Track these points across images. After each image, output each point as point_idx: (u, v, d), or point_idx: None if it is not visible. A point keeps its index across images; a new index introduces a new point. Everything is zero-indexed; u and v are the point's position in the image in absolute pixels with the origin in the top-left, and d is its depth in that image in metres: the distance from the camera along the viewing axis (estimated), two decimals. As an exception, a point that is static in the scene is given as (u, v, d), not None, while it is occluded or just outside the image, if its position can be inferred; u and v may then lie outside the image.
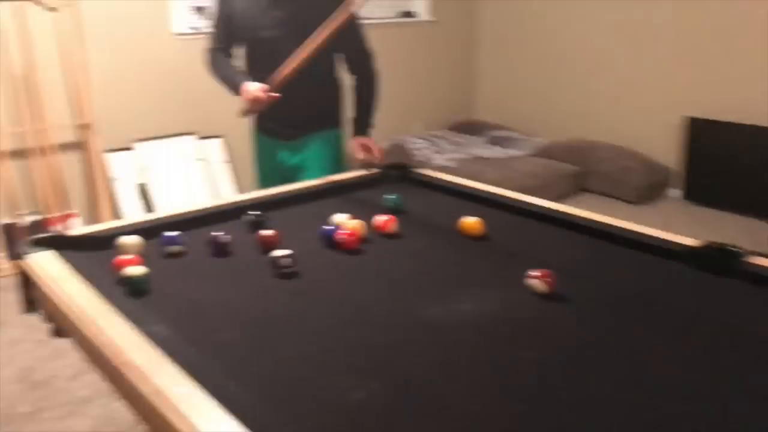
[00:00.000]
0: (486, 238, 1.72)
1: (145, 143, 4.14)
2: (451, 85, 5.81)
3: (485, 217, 1.77)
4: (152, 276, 1.43)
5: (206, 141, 4.36)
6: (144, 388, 1.01)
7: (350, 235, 1.65)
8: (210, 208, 1.92)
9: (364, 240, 1.69)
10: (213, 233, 1.64)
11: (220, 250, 1.63)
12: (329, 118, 2.53)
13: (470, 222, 1.73)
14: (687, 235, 1.64)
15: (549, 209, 1.87)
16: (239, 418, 0.93)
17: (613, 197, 4.71)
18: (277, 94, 2.29)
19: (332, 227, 1.68)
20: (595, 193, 4.82)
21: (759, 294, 1.39)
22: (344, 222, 1.72)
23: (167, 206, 3.97)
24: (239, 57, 2.53)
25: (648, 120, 4.88)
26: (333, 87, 2.55)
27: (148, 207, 4.05)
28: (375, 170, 2.30)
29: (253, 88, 2.31)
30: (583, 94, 5.23)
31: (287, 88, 2.35)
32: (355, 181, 2.20)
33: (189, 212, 1.86)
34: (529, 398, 1.05)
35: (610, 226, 1.72)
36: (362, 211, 1.83)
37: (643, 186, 4.62)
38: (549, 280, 1.40)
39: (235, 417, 0.93)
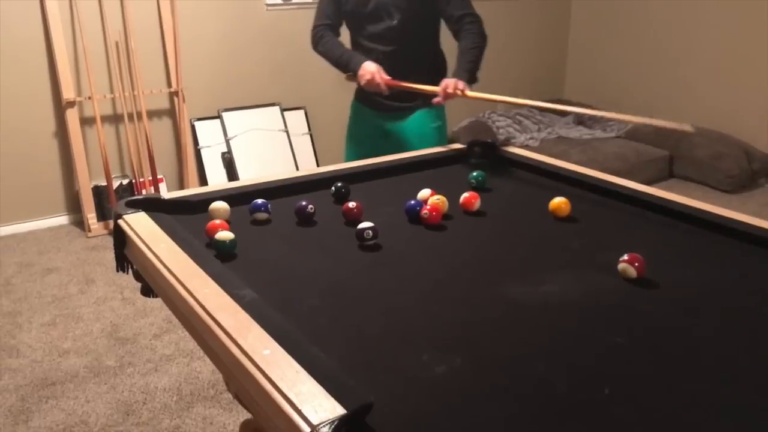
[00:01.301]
0: (573, 219, 1.68)
1: (230, 113, 4.24)
2: (540, 63, 5.66)
3: (572, 198, 1.72)
4: (239, 241, 1.47)
5: (289, 112, 4.42)
6: (233, 349, 1.04)
7: (433, 210, 1.63)
8: (296, 177, 1.95)
9: (447, 216, 1.68)
10: (299, 202, 1.66)
11: (305, 219, 1.65)
12: (427, 96, 2.49)
13: (557, 202, 1.68)
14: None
15: (639, 192, 1.80)
16: (322, 382, 0.94)
17: (704, 184, 4.50)
18: (391, 79, 2.35)
19: (417, 202, 1.67)
20: (685, 179, 4.62)
21: None
22: (428, 197, 1.71)
23: (250, 175, 4.08)
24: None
25: (749, 104, 4.60)
26: (437, 60, 2.55)
27: (232, 175, 4.16)
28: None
29: (371, 68, 2.35)
30: (678, 74, 4.98)
31: (393, 54, 2.37)
32: (441, 156, 2.18)
33: (276, 181, 1.89)
34: (613, 383, 1.02)
35: (704, 211, 1.64)
36: (447, 188, 1.81)
37: (738, 174, 4.38)
38: (638, 264, 1.35)
39: (317, 381, 0.95)
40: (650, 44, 5.12)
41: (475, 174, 1.92)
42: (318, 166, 4.46)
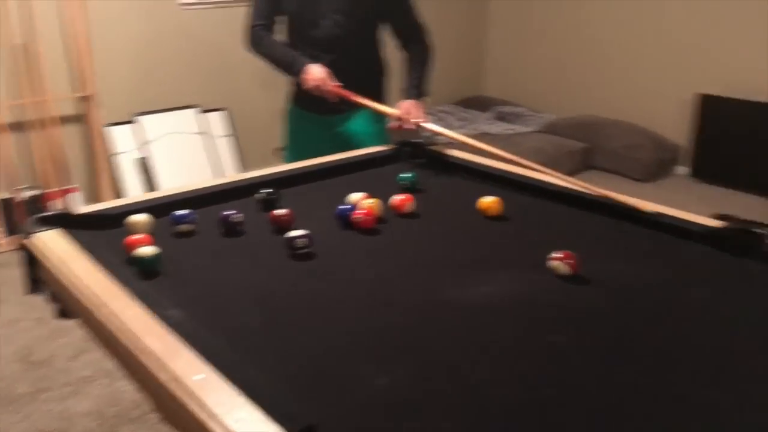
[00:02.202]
0: (504, 217, 1.68)
1: (146, 116, 4.07)
2: (459, 60, 5.71)
3: (503, 195, 1.72)
4: (163, 256, 1.39)
5: (208, 114, 4.29)
6: (161, 376, 0.98)
7: (367, 214, 1.60)
8: (220, 185, 1.87)
9: (380, 220, 1.65)
10: (224, 212, 1.59)
11: (232, 229, 1.58)
12: (373, 95, 2.44)
13: (488, 201, 1.68)
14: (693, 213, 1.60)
15: (567, 188, 1.82)
16: (260, 404, 0.90)
17: (619, 174, 4.66)
18: (340, 87, 2.29)
19: (348, 206, 1.64)
20: (602, 170, 4.77)
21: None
22: (360, 201, 1.68)
23: (168, 181, 3.93)
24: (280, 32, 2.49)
25: (658, 97, 4.81)
26: (378, 63, 2.50)
27: (149, 182, 4.00)
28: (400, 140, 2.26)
29: (318, 73, 2.27)
30: (592, 70, 5.15)
31: (335, 63, 2.33)
32: (369, 158, 2.15)
33: (198, 190, 1.81)
34: (557, 383, 1.02)
35: (629, 206, 1.68)
36: (377, 190, 1.78)
37: (651, 163, 4.57)
38: (571, 261, 1.36)
39: (256, 404, 0.90)
40: (566, 39, 5.27)
41: (406, 175, 1.90)
42: (243, 170, 4.35)
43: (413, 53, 2.45)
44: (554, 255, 1.37)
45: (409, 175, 1.90)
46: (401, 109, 2.32)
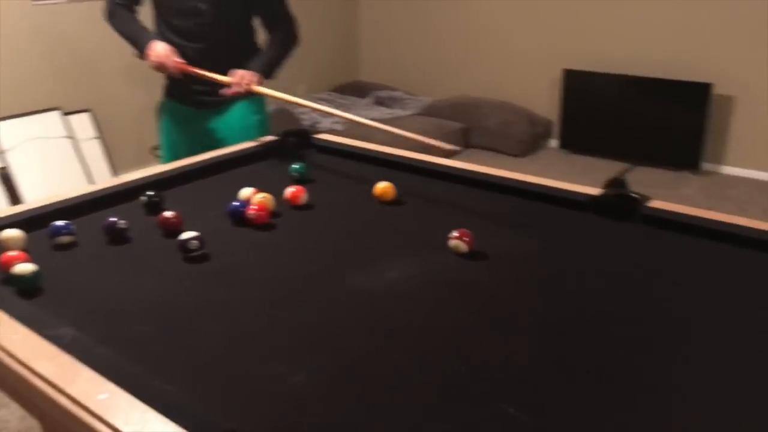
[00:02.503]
0: (399, 201, 1.70)
1: (3, 123, 3.75)
2: (333, 47, 5.69)
3: (392, 180, 1.74)
4: (43, 272, 1.29)
5: (71, 116, 4.02)
6: (60, 400, 0.90)
7: (260, 209, 1.56)
8: (97, 191, 1.75)
9: (275, 214, 1.61)
10: (110, 219, 1.50)
11: (118, 236, 1.49)
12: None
13: (382, 187, 1.69)
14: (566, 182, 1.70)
15: (454, 168, 1.87)
16: (175, 419, 0.85)
17: (497, 151, 4.85)
18: (184, 63, 2.18)
19: (240, 203, 1.59)
20: (480, 148, 4.94)
21: (660, 236, 1.46)
22: (251, 196, 1.63)
23: (34, 192, 3.65)
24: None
25: (528, 75, 5.03)
26: (249, 52, 2.41)
27: (12, 193, 3.70)
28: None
29: (161, 50, 2.16)
30: (465, 52, 5.30)
31: (203, 53, 2.23)
32: (254, 150, 2.09)
33: (73, 198, 1.69)
34: (469, 360, 1.04)
35: (512, 180, 1.74)
36: (268, 183, 1.74)
37: (525, 138, 4.78)
38: (467, 239, 1.39)
39: (170, 419, 0.85)
40: (438, 23, 5.38)
41: (296, 166, 1.87)
42: (116, 174, 4.12)
43: (274, 37, 2.40)
44: (452, 234, 1.40)
45: (298, 165, 1.88)
46: (234, 76, 2.23)
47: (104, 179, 3.94)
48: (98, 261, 1.41)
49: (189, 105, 2.42)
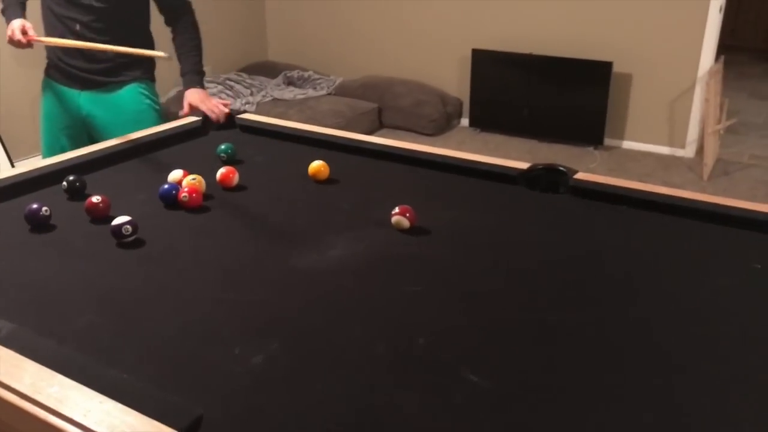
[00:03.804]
0: (333, 180, 1.69)
1: None
2: (241, 26, 5.55)
3: (320, 158, 1.73)
4: (-37, 264, 1.20)
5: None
6: (8, 397, 0.85)
7: (192, 191, 1.51)
8: (13, 176, 1.64)
9: (206, 196, 1.57)
10: (29, 206, 1.41)
11: (41, 223, 1.41)
12: (138, 68, 2.29)
13: (316, 165, 1.68)
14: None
15: (384, 146, 1.88)
16: (137, 407, 0.83)
17: (411, 130, 4.90)
18: (35, 38, 2.05)
19: (171, 185, 1.53)
20: (394, 128, 4.98)
21: (587, 205, 1.54)
22: (182, 179, 1.58)
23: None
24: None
25: (438, 55, 5.10)
26: (144, 36, 2.30)
27: None
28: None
29: (16, 25, 2.03)
30: (375, 32, 5.30)
31: (89, 30, 2.10)
32: (176, 132, 2.02)
33: (-15, 185, 1.58)
34: (422, 332, 1.06)
35: (444, 156, 1.78)
36: (196, 165, 1.69)
37: (438, 118, 4.86)
38: (409, 215, 1.41)
39: (131, 407, 0.82)
40: (348, 3, 5.34)
41: (223, 147, 1.82)
42: (11, 160, 3.86)
43: (182, 35, 2.31)
44: (394, 211, 1.41)
45: (226, 146, 1.83)
46: (191, 100, 2.18)
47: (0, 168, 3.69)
48: (23, 250, 1.33)
49: (71, 84, 2.27)
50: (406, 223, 1.41)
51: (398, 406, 0.90)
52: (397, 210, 1.41)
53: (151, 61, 2.34)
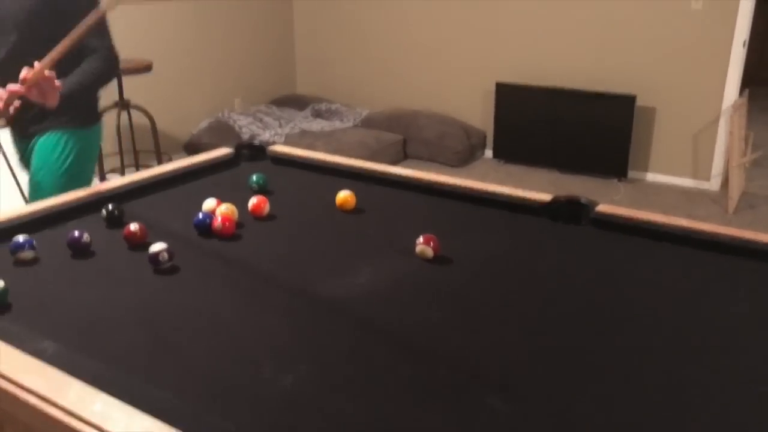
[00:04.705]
0: (360, 210, 1.74)
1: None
2: (270, 59, 5.71)
3: (349, 188, 1.78)
4: (9, 287, 1.27)
5: None
6: (53, 413, 0.91)
7: (226, 220, 1.58)
8: (54, 206, 1.72)
9: (238, 225, 1.63)
10: (71, 233, 1.48)
11: (82, 250, 1.48)
12: (64, 115, 2.10)
13: (343, 195, 1.73)
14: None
15: (410, 177, 1.93)
16: (176, 425, 0.87)
17: (435, 162, 4.97)
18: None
19: (205, 214, 1.60)
20: (419, 158, 5.05)
21: (608, 237, 1.57)
22: (215, 208, 1.65)
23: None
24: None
25: (462, 88, 5.19)
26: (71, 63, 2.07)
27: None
28: None
29: None
30: (401, 65, 5.42)
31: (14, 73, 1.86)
32: (207, 164, 2.10)
33: (29, 213, 1.66)
34: (448, 357, 1.10)
35: (466, 187, 1.82)
36: (229, 195, 1.76)
37: (462, 149, 4.92)
38: (433, 244, 1.46)
39: (171, 426, 0.87)
40: (374, 37, 5.48)
41: (255, 177, 1.89)
42: (23, 195, 3.98)
43: (87, 64, 2.08)
44: (419, 240, 1.46)
45: (258, 177, 1.90)
46: (25, 74, 1.80)
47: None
48: (65, 275, 1.40)
49: (14, 131, 2.23)
50: (430, 252, 1.45)
51: (423, 430, 0.93)
52: (421, 239, 1.46)
53: (82, 106, 2.18)
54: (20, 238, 1.46)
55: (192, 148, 4.71)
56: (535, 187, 1.75)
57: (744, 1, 4.08)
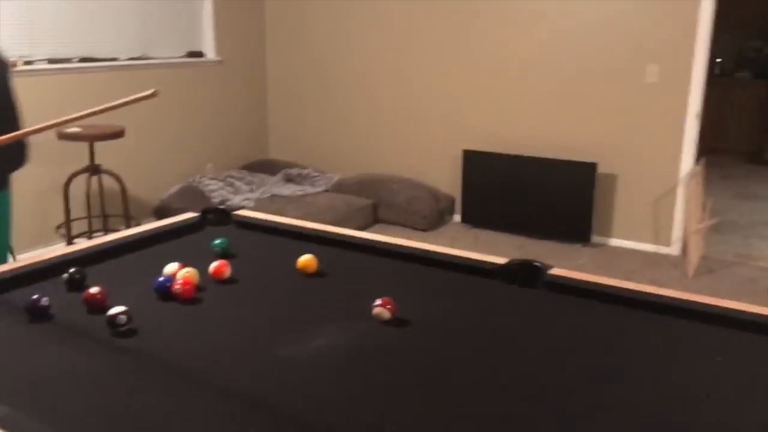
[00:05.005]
0: (321, 273, 1.78)
1: None
2: (241, 125, 5.81)
3: (312, 252, 1.82)
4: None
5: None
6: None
7: (186, 284, 1.60)
8: (13, 269, 1.73)
9: (199, 288, 1.65)
10: (30, 297, 1.49)
11: (41, 314, 1.48)
12: None
13: (305, 259, 1.77)
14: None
15: (372, 240, 1.98)
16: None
17: (404, 226, 5.04)
18: None
19: (166, 278, 1.62)
20: (388, 223, 5.12)
21: (562, 300, 1.62)
22: (176, 271, 1.67)
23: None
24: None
25: (430, 154, 5.33)
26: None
27: None
28: None
29: None
30: (371, 132, 5.55)
31: None
32: (174, 227, 2.12)
33: (-10, 276, 1.66)
34: (399, 420, 1.12)
35: (426, 250, 1.87)
36: (190, 259, 1.78)
37: (430, 214, 5.00)
38: (390, 307, 1.49)
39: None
40: (345, 105, 5.63)
41: (217, 242, 1.92)
42: (12, 254, 3.95)
43: None
44: (376, 303, 1.49)
45: (220, 241, 1.93)
46: None
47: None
48: (22, 340, 1.40)
49: None
50: (387, 314, 1.48)
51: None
52: (378, 302, 1.49)
53: None
54: (-23, 301, 1.46)
55: (162, 213, 4.72)
56: (501, 251, 1.81)
57: (695, 74, 4.30)
